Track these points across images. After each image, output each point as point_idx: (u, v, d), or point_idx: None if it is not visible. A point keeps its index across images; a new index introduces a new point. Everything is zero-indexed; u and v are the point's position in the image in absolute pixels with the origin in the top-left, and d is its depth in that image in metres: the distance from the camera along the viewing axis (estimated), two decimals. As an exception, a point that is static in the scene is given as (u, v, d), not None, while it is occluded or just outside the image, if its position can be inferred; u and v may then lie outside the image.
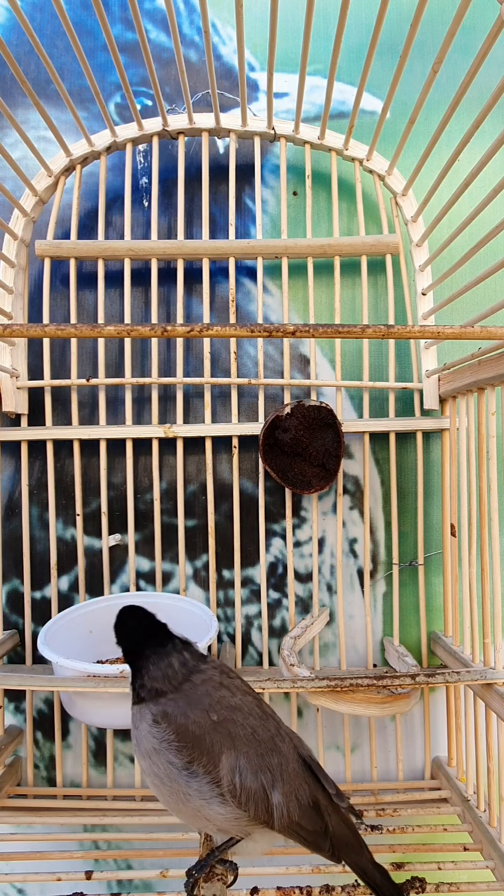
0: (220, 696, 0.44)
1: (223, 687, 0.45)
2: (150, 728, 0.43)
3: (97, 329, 0.49)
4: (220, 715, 0.43)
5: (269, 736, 0.44)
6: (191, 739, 0.42)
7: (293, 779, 0.44)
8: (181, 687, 0.44)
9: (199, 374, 0.77)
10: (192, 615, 0.69)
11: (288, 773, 0.44)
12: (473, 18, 0.56)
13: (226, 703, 0.44)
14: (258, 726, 0.44)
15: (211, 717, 0.43)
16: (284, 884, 0.54)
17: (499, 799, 0.62)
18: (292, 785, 0.44)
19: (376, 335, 0.49)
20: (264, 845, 0.46)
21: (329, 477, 0.73)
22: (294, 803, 0.43)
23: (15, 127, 0.64)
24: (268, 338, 0.77)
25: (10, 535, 0.76)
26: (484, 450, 0.63)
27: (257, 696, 0.48)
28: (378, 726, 0.76)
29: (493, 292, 0.76)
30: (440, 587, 0.77)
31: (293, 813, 0.43)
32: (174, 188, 0.78)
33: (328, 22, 0.75)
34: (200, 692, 0.44)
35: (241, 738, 0.43)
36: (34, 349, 0.76)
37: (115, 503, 0.76)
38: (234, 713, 0.44)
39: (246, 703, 0.45)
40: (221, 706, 0.44)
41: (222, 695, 0.44)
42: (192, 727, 0.42)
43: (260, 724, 0.45)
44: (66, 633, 0.67)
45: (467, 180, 0.59)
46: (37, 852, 0.61)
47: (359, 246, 0.75)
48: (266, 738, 0.44)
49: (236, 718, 0.44)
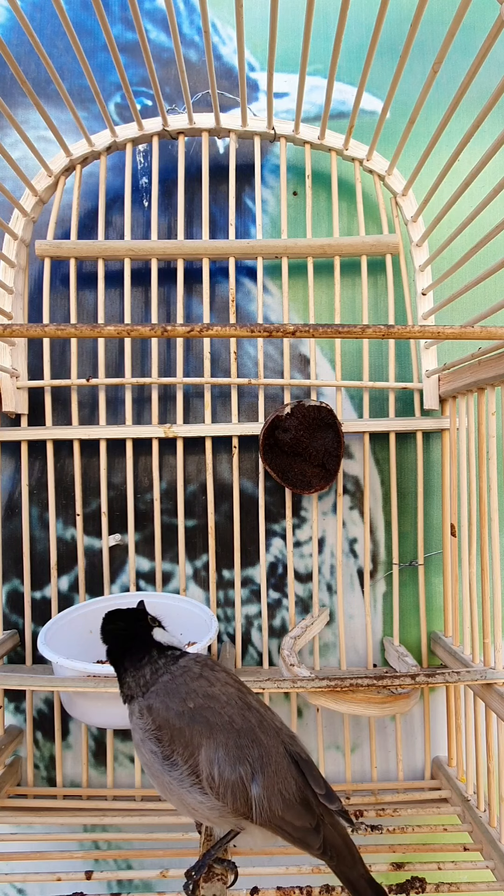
0: (197, 685, 0.45)
1: (202, 677, 0.46)
2: (136, 720, 0.45)
3: (97, 329, 0.49)
4: (196, 702, 0.44)
5: (250, 727, 0.44)
6: (170, 731, 0.43)
7: (276, 773, 0.44)
8: (159, 680, 0.46)
9: (199, 374, 0.77)
10: (192, 615, 0.69)
11: (270, 767, 0.44)
12: (473, 18, 0.56)
13: (202, 692, 0.45)
14: (236, 715, 0.44)
15: (187, 705, 0.44)
16: (284, 884, 0.54)
17: (499, 799, 0.62)
18: (275, 779, 0.43)
19: (376, 335, 0.49)
20: (259, 840, 0.46)
21: (329, 477, 0.73)
22: (277, 797, 0.43)
23: (15, 127, 0.64)
24: (268, 338, 0.77)
25: (10, 535, 0.76)
26: (484, 450, 0.63)
27: (244, 688, 0.48)
28: (378, 726, 0.76)
29: (493, 292, 0.76)
30: (440, 587, 0.77)
31: (276, 807, 0.43)
32: (174, 188, 0.78)
33: (328, 22, 0.75)
34: (178, 682, 0.45)
35: (218, 727, 0.43)
36: (34, 349, 0.76)
37: (115, 503, 0.76)
38: (211, 701, 0.44)
39: (225, 693, 0.46)
40: (198, 694, 0.45)
41: (200, 684, 0.45)
42: (173, 720, 0.43)
43: (239, 713, 0.45)
44: (66, 633, 0.67)
45: (467, 180, 0.59)
46: (37, 852, 0.61)
47: (359, 246, 0.75)
48: (245, 729, 0.44)
49: (213, 706, 0.44)
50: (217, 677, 0.47)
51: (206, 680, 0.46)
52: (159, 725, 0.44)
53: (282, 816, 0.43)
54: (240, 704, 0.45)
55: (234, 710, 0.45)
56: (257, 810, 0.42)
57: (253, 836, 0.45)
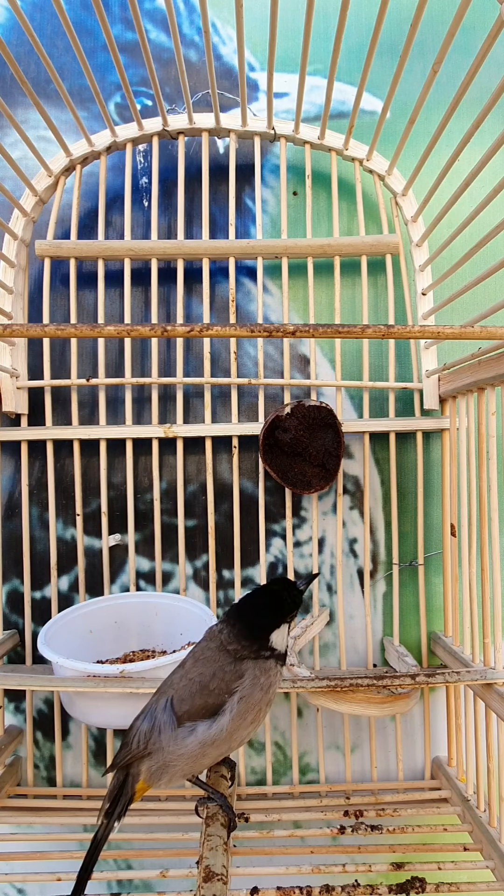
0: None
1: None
2: (279, 669, 0.50)
3: (97, 329, 0.49)
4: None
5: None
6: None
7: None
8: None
9: (199, 374, 0.77)
10: (192, 615, 0.69)
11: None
12: (473, 18, 0.56)
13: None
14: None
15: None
16: (284, 884, 0.54)
17: (499, 799, 0.62)
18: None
19: (376, 335, 0.49)
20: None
21: (329, 477, 0.73)
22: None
23: (15, 127, 0.64)
24: (268, 338, 0.77)
25: (10, 535, 0.76)
26: (484, 450, 0.63)
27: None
28: (378, 726, 0.76)
29: (493, 292, 0.76)
30: (440, 587, 0.77)
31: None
32: (174, 188, 0.78)
33: (328, 22, 0.75)
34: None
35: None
36: (34, 349, 0.76)
37: (115, 503, 0.76)
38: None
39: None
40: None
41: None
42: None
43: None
44: (66, 633, 0.67)
45: (467, 180, 0.59)
46: (37, 852, 0.61)
47: (359, 246, 0.75)
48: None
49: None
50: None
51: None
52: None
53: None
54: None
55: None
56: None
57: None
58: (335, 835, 0.63)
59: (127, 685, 0.58)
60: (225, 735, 0.47)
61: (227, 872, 0.48)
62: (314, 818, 0.68)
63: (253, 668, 0.48)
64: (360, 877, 0.55)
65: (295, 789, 0.75)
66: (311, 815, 0.68)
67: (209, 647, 0.50)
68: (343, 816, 0.67)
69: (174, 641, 0.71)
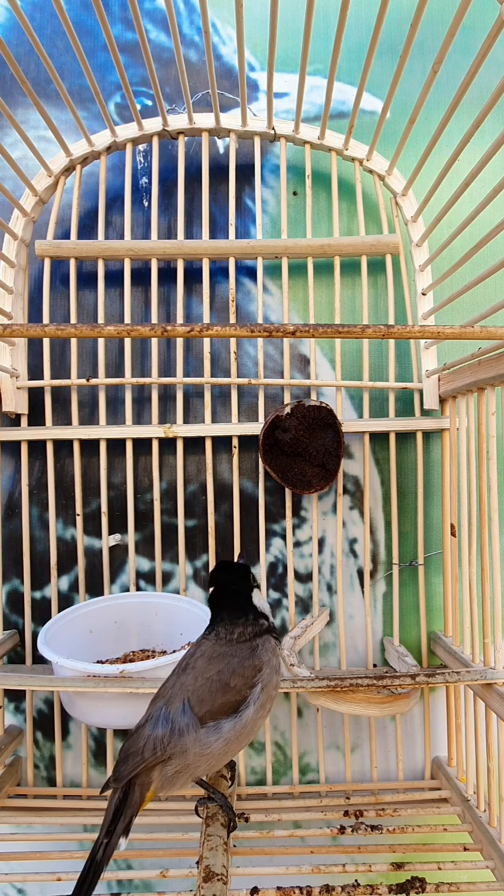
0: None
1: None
2: (274, 645, 0.52)
3: (97, 329, 0.49)
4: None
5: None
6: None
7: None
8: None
9: (199, 374, 0.77)
10: (192, 615, 0.69)
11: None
12: (473, 18, 0.56)
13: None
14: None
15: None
16: (284, 884, 0.54)
17: (499, 799, 0.62)
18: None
19: (376, 335, 0.49)
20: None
21: (329, 477, 0.73)
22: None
23: (15, 127, 0.64)
24: (268, 338, 0.77)
25: (10, 535, 0.76)
26: (484, 450, 0.63)
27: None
28: (378, 726, 0.76)
29: (493, 292, 0.76)
30: (440, 587, 0.77)
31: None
32: (174, 188, 0.78)
33: (328, 22, 0.75)
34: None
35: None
36: (34, 349, 0.76)
37: (115, 503, 0.76)
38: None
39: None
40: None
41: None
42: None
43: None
44: (66, 633, 0.67)
45: (467, 180, 0.59)
46: (37, 852, 0.61)
47: (359, 246, 0.75)
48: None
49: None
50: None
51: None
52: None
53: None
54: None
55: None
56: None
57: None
58: (335, 835, 0.63)
59: (127, 685, 0.58)
60: (248, 728, 0.48)
61: (227, 872, 0.48)
62: (314, 818, 0.68)
63: (268, 656, 0.50)
64: (360, 877, 0.55)
65: (295, 789, 0.75)
66: (311, 815, 0.68)
67: (218, 641, 0.50)
68: (343, 816, 0.67)
69: (174, 641, 0.71)
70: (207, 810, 0.53)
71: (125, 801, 0.47)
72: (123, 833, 0.46)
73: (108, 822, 0.46)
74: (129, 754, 0.48)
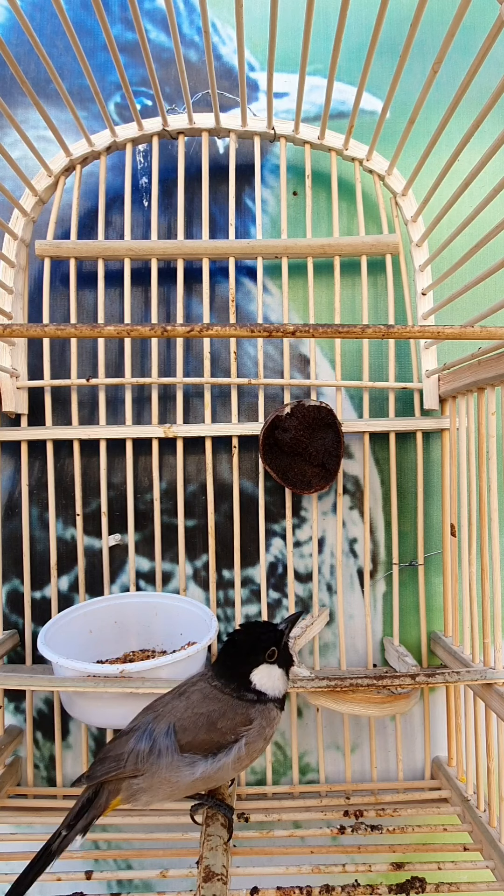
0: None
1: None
2: (275, 713, 0.51)
3: (97, 329, 0.49)
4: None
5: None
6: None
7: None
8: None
9: (199, 374, 0.77)
10: (192, 615, 0.69)
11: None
12: (473, 18, 0.56)
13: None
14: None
15: None
16: (284, 884, 0.54)
17: (499, 799, 0.62)
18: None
19: (376, 335, 0.49)
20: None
21: (329, 477, 0.73)
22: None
23: (15, 127, 0.64)
24: (268, 338, 0.77)
25: (10, 535, 0.76)
26: (484, 450, 0.63)
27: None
28: (378, 726, 0.76)
29: (493, 292, 0.76)
30: (440, 587, 0.77)
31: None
32: (174, 188, 0.78)
33: (328, 22, 0.75)
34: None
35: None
36: (34, 349, 0.76)
37: (115, 503, 0.76)
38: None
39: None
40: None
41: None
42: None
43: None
44: (66, 633, 0.67)
45: (467, 180, 0.59)
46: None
47: (359, 246, 0.75)
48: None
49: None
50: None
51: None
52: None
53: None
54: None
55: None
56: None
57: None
58: (335, 835, 0.63)
59: (127, 685, 0.58)
60: (220, 773, 0.48)
61: (227, 872, 0.48)
62: (314, 818, 0.68)
63: (260, 718, 0.49)
64: (360, 877, 0.55)
65: (295, 789, 0.75)
66: (311, 815, 0.68)
67: (214, 688, 0.50)
68: (343, 816, 0.67)
69: (174, 641, 0.71)
70: (206, 811, 0.53)
71: (92, 802, 0.48)
72: (81, 831, 0.47)
73: (72, 817, 0.47)
74: (108, 757, 0.49)
